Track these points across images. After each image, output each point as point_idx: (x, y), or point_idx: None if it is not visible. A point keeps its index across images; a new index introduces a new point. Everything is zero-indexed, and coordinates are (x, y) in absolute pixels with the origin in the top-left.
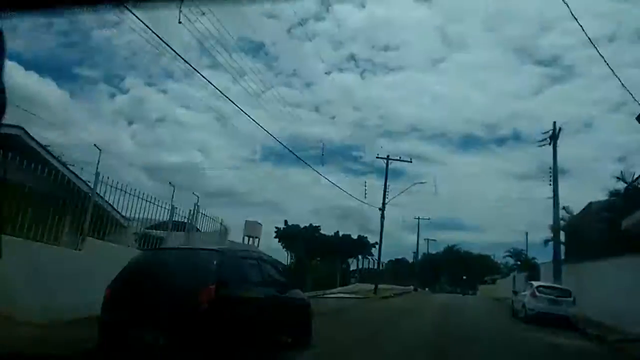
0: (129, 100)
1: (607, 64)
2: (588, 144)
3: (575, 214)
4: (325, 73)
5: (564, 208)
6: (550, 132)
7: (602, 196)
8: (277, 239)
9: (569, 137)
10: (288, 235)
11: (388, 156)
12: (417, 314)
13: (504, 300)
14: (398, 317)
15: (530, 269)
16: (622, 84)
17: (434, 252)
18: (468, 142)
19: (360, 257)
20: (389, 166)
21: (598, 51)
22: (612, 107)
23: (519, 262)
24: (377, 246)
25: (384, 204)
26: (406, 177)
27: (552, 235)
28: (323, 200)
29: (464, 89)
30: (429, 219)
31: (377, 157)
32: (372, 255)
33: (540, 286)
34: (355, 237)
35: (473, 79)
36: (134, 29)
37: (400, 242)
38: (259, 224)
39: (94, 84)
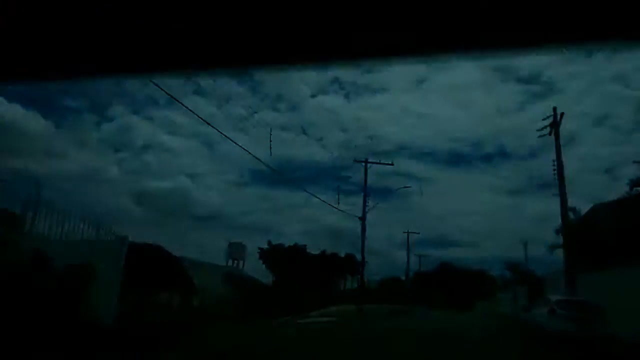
0: (115, 128)
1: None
2: (572, 157)
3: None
4: (311, 96)
5: (571, 210)
6: (551, 118)
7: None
8: (260, 260)
9: (553, 152)
10: (271, 255)
11: (367, 159)
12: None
13: (506, 318)
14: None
15: (532, 281)
16: None
17: (427, 269)
18: (455, 160)
19: (349, 276)
20: (378, 185)
21: None
22: (595, 121)
23: (517, 277)
24: (367, 264)
25: (364, 212)
26: (395, 194)
27: (556, 242)
28: (315, 221)
29: (448, 108)
30: (418, 233)
31: (355, 161)
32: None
33: (560, 301)
34: (342, 255)
35: (456, 98)
36: None
37: (392, 260)
38: (243, 245)
39: (79, 113)
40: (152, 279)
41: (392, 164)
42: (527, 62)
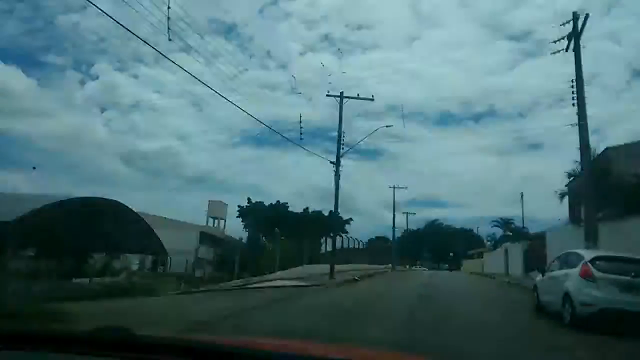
0: (100, 86)
1: None
2: (562, 118)
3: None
4: (300, 54)
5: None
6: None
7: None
8: (239, 218)
9: (544, 111)
10: (250, 213)
11: (342, 93)
12: (380, 311)
13: (497, 279)
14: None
15: (531, 238)
16: None
17: (415, 228)
18: (445, 120)
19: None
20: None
21: None
22: (585, 80)
23: (509, 233)
24: (351, 222)
25: (338, 156)
26: (385, 156)
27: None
28: (305, 181)
29: (439, 67)
30: (405, 187)
31: (328, 95)
32: (346, 232)
33: (599, 258)
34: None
35: (448, 56)
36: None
37: (382, 220)
38: (224, 204)
39: (62, 71)
40: (91, 241)
41: (372, 99)
42: (519, 17)
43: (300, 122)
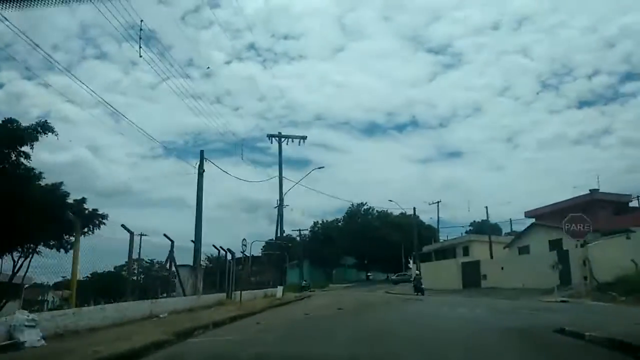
0: (4, 95)
1: None
2: (477, 127)
3: None
4: (225, 63)
5: None
6: None
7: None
8: None
9: (460, 121)
10: None
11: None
12: None
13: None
14: None
15: None
16: None
17: (330, 218)
18: (370, 130)
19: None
20: (296, 156)
21: None
22: (497, 92)
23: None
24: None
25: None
26: (313, 164)
27: None
28: (231, 194)
29: (364, 78)
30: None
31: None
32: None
33: None
34: None
35: (372, 67)
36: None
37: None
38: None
39: None
40: None
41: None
42: (438, 31)
43: None
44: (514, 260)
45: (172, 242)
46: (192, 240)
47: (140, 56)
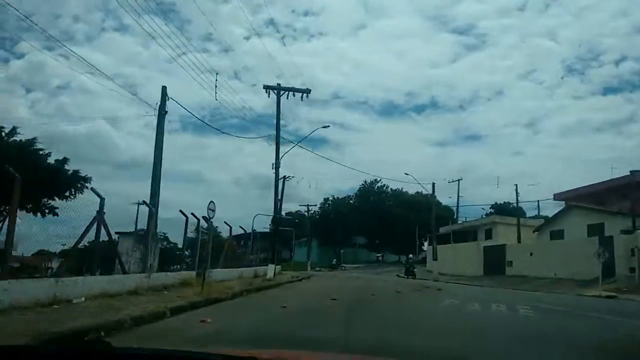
0: (26, 65)
1: None
2: (499, 111)
3: None
4: (244, 38)
5: None
6: None
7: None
8: None
9: (482, 104)
10: None
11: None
12: None
13: None
14: None
15: None
16: None
17: (340, 195)
18: (388, 110)
19: None
20: (311, 135)
21: None
22: (521, 75)
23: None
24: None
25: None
26: (329, 144)
27: None
28: (246, 170)
29: (384, 57)
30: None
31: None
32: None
33: None
34: None
35: (393, 46)
36: None
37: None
38: None
39: None
40: None
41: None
42: (462, 11)
43: None
44: (545, 246)
45: (102, 199)
46: (143, 202)
47: None
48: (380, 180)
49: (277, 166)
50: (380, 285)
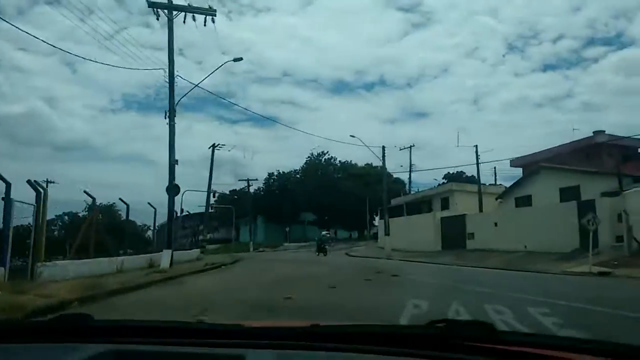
0: None
1: None
2: (444, 88)
3: None
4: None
5: None
6: None
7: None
8: None
9: (428, 81)
10: None
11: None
12: None
13: None
14: None
15: None
16: None
17: (284, 170)
18: (338, 88)
19: None
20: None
21: None
22: (466, 53)
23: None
24: None
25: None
26: (281, 121)
27: None
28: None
29: (333, 34)
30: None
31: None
32: None
33: None
34: None
35: (341, 23)
36: None
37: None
38: None
39: None
40: None
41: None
42: None
43: None
44: (511, 214)
45: None
46: None
47: None
48: (327, 152)
49: (171, 112)
50: (314, 272)
